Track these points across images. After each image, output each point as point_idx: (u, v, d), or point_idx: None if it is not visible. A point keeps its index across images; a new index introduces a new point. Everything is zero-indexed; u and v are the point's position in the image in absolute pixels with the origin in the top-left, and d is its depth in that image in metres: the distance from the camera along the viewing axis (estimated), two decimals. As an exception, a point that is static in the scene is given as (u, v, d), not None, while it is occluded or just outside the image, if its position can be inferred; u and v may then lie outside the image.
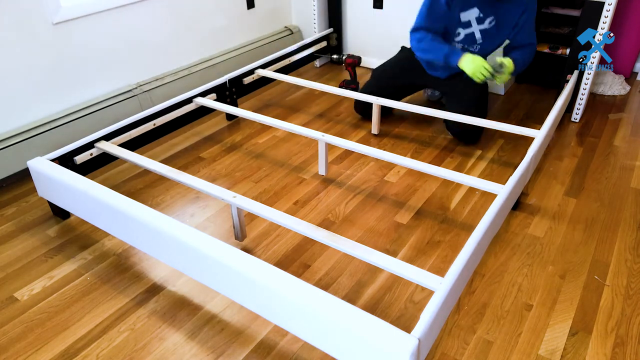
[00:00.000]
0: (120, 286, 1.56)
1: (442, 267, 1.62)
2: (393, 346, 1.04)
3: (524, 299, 1.49)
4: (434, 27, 2.05)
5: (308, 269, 1.61)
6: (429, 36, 2.08)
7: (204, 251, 1.32)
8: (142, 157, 1.85)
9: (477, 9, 2.06)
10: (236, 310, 1.47)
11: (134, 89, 2.43)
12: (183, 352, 1.35)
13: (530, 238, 1.73)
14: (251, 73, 2.58)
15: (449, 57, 2.05)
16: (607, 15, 2.18)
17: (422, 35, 2.10)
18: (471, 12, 2.06)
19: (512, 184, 1.60)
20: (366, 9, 3.00)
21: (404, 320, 1.43)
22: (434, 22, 2.07)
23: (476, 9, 2.06)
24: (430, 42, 2.07)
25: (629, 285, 1.53)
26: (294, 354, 1.34)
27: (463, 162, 2.16)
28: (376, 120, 2.34)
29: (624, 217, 1.82)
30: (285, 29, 3.27)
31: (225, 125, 2.51)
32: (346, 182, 2.04)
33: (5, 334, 1.41)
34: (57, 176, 1.67)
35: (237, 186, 2.03)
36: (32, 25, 2.02)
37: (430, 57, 2.11)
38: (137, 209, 1.48)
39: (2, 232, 1.80)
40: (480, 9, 2.06)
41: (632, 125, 2.43)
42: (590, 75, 2.35)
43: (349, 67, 2.81)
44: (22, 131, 2.05)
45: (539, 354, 1.33)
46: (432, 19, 2.07)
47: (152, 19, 2.46)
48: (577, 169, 2.10)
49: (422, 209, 1.88)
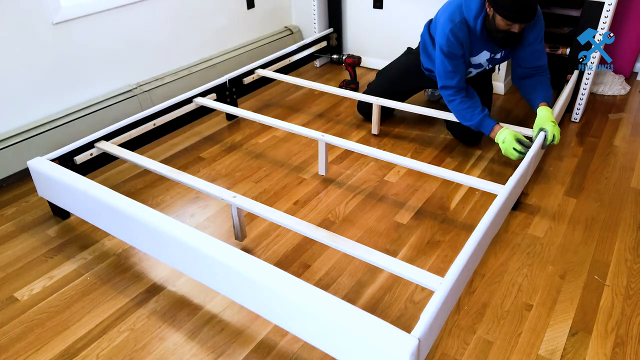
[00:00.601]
0: (120, 286, 1.56)
1: (442, 267, 1.62)
2: (393, 346, 1.04)
3: (524, 299, 1.49)
4: (460, 84, 1.99)
5: (308, 269, 1.61)
6: (458, 98, 2.00)
7: (204, 251, 1.32)
8: (142, 157, 1.85)
9: (488, 52, 2.02)
10: (236, 310, 1.47)
11: (134, 89, 2.43)
12: (183, 352, 1.35)
13: (530, 238, 1.73)
14: (251, 73, 2.58)
15: (480, 127, 1.99)
16: (607, 15, 2.18)
17: (451, 95, 2.01)
18: (482, 55, 2.03)
19: (513, 184, 1.60)
20: (366, 9, 3.00)
21: (404, 320, 1.43)
22: (459, 79, 1.99)
23: (486, 52, 2.02)
24: (459, 104, 2.00)
25: (629, 285, 1.53)
26: (294, 354, 1.34)
27: (463, 162, 2.16)
28: (376, 120, 2.34)
29: (624, 217, 1.82)
30: (285, 29, 3.27)
31: (225, 125, 2.51)
32: (346, 182, 2.04)
33: (5, 334, 1.41)
34: (57, 176, 1.67)
35: (237, 186, 2.03)
36: (32, 25, 2.02)
37: (460, 120, 2.04)
38: (137, 209, 1.48)
39: (2, 232, 1.80)
40: (490, 51, 2.02)
41: (632, 125, 2.43)
42: (590, 75, 2.35)
43: (349, 67, 2.81)
44: (22, 131, 2.05)
45: (539, 354, 1.33)
46: (457, 75, 1.98)
47: (152, 19, 2.46)
48: (577, 169, 2.10)
49: (422, 209, 1.88)
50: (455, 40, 1.92)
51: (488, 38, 1.95)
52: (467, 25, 1.92)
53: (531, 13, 1.78)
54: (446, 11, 1.96)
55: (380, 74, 2.47)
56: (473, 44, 1.98)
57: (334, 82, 2.96)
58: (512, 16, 1.78)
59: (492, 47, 2.00)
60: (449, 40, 1.92)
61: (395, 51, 2.67)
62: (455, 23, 1.91)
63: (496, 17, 1.83)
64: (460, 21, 1.91)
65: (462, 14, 1.92)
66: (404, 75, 2.37)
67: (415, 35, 2.51)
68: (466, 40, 1.94)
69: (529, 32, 1.98)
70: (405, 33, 2.87)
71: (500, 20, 1.82)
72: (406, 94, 2.43)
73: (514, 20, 1.80)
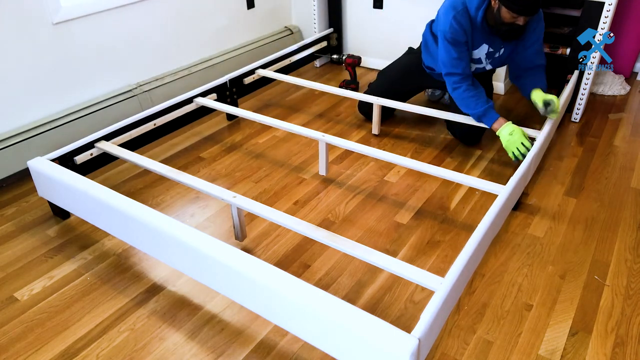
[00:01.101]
0: (120, 286, 1.56)
1: (442, 267, 1.62)
2: (393, 346, 1.04)
3: (524, 299, 1.49)
4: (466, 71, 1.99)
5: (308, 269, 1.61)
6: (463, 85, 1.99)
7: (204, 251, 1.32)
8: (142, 157, 1.85)
9: (487, 45, 2.02)
10: (236, 310, 1.47)
11: (134, 89, 2.43)
12: (183, 352, 1.35)
13: (530, 238, 1.73)
14: (251, 73, 2.58)
15: (483, 117, 1.97)
16: (607, 15, 2.18)
17: (456, 82, 2.00)
18: (481, 49, 2.03)
19: (513, 184, 1.60)
20: (366, 9, 3.00)
21: (404, 320, 1.43)
22: (465, 65, 1.99)
23: (485, 46, 2.02)
24: (464, 92, 1.99)
25: (629, 285, 1.53)
26: (294, 354, 1.34)
27: (463, 162, 2.16)
28: (376, 120, 2.34)
29: (624, 217, 1.82)
30: (285, 29, 3.27)
31: (226, 125, 2.51)
32: (346, 182, 2.04)
33: (5, 334, 1.41)
34: (57, 176, 1.67)
35: (237, 186, 2.03)
36: (32, 25, 2.02)
37: (463, 109, 2.04)
38: (137, 209, 1.48)
39: (2, 232, 1.80)
40: (489, 44, 2.02)
41: (632, 125, 2.43)
42: (590, 75, 2.35)
43: (349, 67, 2.81)
44: (22, 131, 2.05)
45: (539, 354, 1.33)
46: (463, 62, 1.98)
47: (152, 19, 2.46)
48: (577, 169, 2.10)
49: (422, 209, 1.88)
50: (458, 27, 1.93)
51: (488, 31, 1.96)
52: (468, 14, 1.94)
53: (536, 5, 1.80)
54: (448, 1, 1.99)
55: (382, 74, 2.47)
56: (474, 35, 1.99)
57: (334, 82, 2.96)
58: (519, 8, 1.79)
59: (491, 41, 2.01)
60: (452, 27, 1.93)
61: (395, 51, 2.67)
62: (458, 10, 1.93)
63: (502, 9, 1.84)
64: (462, 9, 1.93)
65: (464, 2, 1.94)
66: (405, 75, 2.37)
67: (415, 35, 2.51)
68: (469, 28, 1.95)
69: (530, 33, 1.99)
70: (405, 33, 2.87)
71: (506, 12, 1.83)
72: (407, 94, 2.43)
73: (520, 13, 1.81)
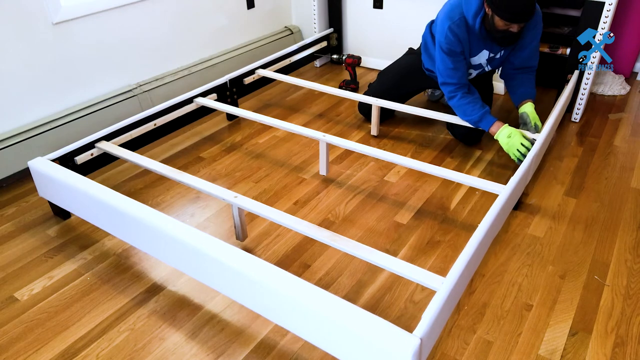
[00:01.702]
0: (120, 286, 1.56)
1: (442, 267, 1.62)
2: (395, 346, 1.04)
3: (524, 299, 1.49)
4: (461, 80, 1.99)
5: (308, 269, 1.61)
6: (458, 94, 2.00)
7: (204, 251, 1.32)
8: (142, 157, 1.85)
9: (487, 51, 2.02)
10: (236, 310, 1.47)
11: (134, 89, 2.43)
12: (183, 352, 1.35)
13: (530, 238, 1.73)
14: (252, 73, 2.58)
15: (480, 123, 1.98)
16: (607, 15, 2.18)
17: (452, 92, 2.01)
18: (481, 55, 2.03)
19: (514, 184, 1.60)
20: (366, 9, 3.00)
21: (404, 320, 1.43)
22: (460, 75, 1.99)
23: (486, 52, 2.02)
24: (459, 100, 2.00)
25: (629, 285, 1.53)
26: (295, 353, 1.34)
27: (463, 162, 2.16)
28: (375, 121, 2.33)
29: (624, 217, 1.82)
30: (285, 29, 3.27)
31: (226, 125, 2.51)
32: (346, 182, 2.04)
33: (5, 334, 1.41)
34: (57, 176, 1.67)
35: (237, 186, 2.03)
36: (32, 25, 2.01)
37: (460, 116, 2.05)
38: (137, 209, 1.48)
39: (2, 232, 1.80)
40: (489, 50, 2.02)
41: (632, 125, 2.43)
42: (590, 75, 2.35)
43: (349, 67, 2.81)
44: (22, 131, 2.05)
45: (539, 354, 1.33)
46: (459, 72, 1.99)
47: (152, 19, 2.46)
48: (577, 169, 2.10)
49: (422, 209, 1.88)
50: (453, 37, 1.92)
51: (487, 37, 1.95)
52: (466, 23, 1.92)
53: (529, 13, 1.78)
54: (446, 9, 1.97)
55: (382, 74, 2.47)
56: (472, 43, 1.98)
57: (334, 82, 2.96)
58: (510, 17, 1.79)
59: (491, 46, 2.00)
60: (447, 38, 1.93)
61: (395, 51, 2.68)
62: (454, 21, 1.91)
63: (495, 17, 1.83)
64: (459, 19, 1.91)
65: (461, 12, 1.92)
66: (405, 75, 2.37)
67: (415, 35, 2.51)
68: (465, 38, 1.94)
69: (529, 33, 1.98)
70: (405, 33, 2.87)
71: (499, 20, 1.82)
72: (408, 95, 2.43)
73: (512, 21, 1.80)
